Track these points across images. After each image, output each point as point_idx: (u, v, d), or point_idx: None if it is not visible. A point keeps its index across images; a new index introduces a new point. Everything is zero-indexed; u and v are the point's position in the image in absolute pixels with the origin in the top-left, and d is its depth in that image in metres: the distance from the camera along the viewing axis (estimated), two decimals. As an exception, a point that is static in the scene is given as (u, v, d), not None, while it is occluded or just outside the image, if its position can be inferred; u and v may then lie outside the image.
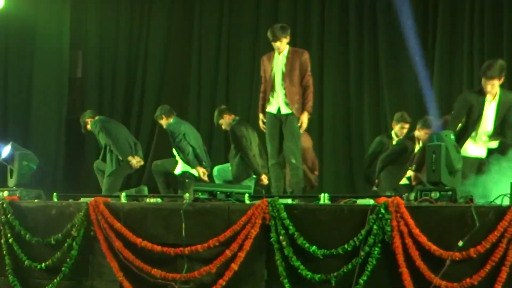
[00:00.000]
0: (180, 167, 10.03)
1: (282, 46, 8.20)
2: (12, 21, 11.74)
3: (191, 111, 12.38)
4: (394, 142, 9.64)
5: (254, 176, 9.58)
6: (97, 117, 10.27)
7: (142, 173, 11.60)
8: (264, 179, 9.50)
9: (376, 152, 9.59)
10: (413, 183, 8.11)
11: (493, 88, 7.72)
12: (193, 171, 9.97)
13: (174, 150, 10.11)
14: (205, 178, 9.94)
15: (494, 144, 7.78)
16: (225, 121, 9.80)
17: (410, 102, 11.17)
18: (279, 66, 8.23)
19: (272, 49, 8.35)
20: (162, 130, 10.76)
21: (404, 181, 9.17)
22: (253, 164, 9.47)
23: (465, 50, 11.06)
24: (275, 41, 8.18)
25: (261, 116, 8.43)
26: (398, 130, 9.69)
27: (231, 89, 12.39)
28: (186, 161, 9.91)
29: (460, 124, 7.62)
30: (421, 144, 8.80)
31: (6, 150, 8.37)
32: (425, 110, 10.37)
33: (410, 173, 8.76)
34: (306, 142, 9.75)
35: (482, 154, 7.71)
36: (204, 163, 10.03)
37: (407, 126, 9.66)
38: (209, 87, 12.54)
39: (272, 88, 8.24)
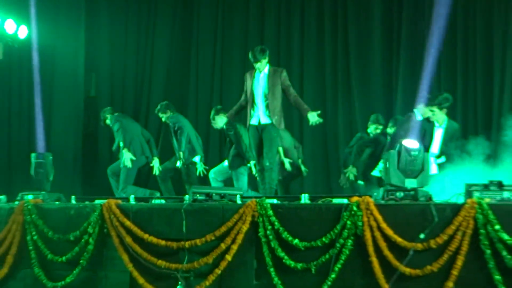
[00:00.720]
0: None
1: (262, 66, 8.12)
2: (35, 48, 11.78)
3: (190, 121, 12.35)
4: None
5: (248, 164, 9.47)
6: (116, 114, 10.47)
7: (150, 172, 11.51)
8: (254, 166, 9.18)
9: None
10: None
11: (434, 115, 7.81)
12: (195, 159, 10.01)
13: (173, 141, 10.13)
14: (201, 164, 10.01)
15: (441, 160, 7.90)
16: (220, 118, 9.84)
17: (377, 107, 11.12)
18: (261, 84, 8.16)
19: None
20: (166, 139, 10.78)
21: (376, 172, 9.20)
22: (245, 153, 9.34)
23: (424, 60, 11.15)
24: (256, 62, 8.11)
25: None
26: (373, 130, 9.74)
27: (224, 103, 12.27)
28: (179, 143, 9.91)
29: None
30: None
31: None
32: (391, 112, 10.48)
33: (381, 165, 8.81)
34: (287, 141, 9.70)
35: (435, 171, 7.76)
36: (198, 154, 10.12)
37: (380, 127, 9.70)
38: (205, 102, 12.51)
39: (252, 103, 8.17)
